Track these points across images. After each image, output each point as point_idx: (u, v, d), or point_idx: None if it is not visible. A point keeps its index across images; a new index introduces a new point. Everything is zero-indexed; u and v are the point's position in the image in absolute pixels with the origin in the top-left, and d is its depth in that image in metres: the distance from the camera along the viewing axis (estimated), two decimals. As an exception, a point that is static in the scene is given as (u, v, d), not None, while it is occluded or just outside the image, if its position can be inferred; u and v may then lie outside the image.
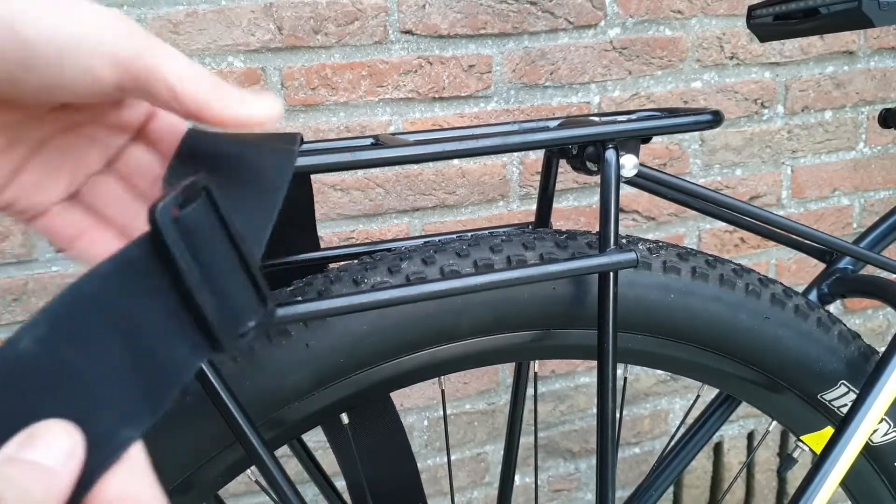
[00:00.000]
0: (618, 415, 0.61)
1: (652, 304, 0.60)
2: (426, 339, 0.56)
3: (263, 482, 0.54)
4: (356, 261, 0.57)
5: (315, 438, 1.29)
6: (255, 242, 0.36)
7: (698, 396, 0.83)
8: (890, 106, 0.98)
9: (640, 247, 0.62)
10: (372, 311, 0.52)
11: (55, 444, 0.27)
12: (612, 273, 0.54)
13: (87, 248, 0.39)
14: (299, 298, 0.53)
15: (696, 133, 1.38)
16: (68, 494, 0.27)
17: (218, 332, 0.33)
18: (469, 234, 0.60)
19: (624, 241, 0.61)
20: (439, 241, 0.59)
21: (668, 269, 0.60)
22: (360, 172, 1.21)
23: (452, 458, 1.41)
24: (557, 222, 1.33)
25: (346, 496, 0.70)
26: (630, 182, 0.58)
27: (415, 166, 1.23)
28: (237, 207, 0.36)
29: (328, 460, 0.73)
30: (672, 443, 0.83)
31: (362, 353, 0.54)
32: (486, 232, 0.61)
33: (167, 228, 0.31)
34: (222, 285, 0.33)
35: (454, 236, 0.60)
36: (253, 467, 0.53)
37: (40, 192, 0.37)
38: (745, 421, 1.59)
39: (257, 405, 0.52)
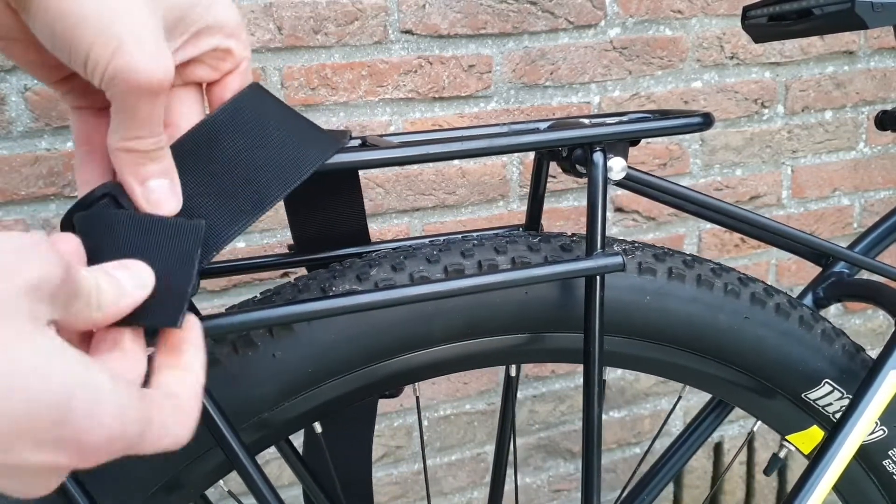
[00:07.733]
0: (602, 416, 0.61)
1: (628, 307, 0.60)
2: (403, 344, 0.55)
3: (234, 491, 0.55)
4: (324, 269, 0.56)
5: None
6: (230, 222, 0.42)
7: (679, 398, 0.83)
8: (888, 107, 0.97)
9: (616, 248, 0.61)
10: (343, 317, 0.52)
11: (136, 274, 0.35)
12: (598, 277, 0.54)
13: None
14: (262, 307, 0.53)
15: (697, 133, 1.38)
16: (131, 308, 0.34)
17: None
18: (441, 239, 0.60)
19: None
20: (429, 242, 0.59)
21: (643, 270, 0.60)
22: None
23: (452, 458, 1.42)
24: (558, 222, 1.33)
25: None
26: (618, 184, 0.58)
27: (415, 166, 1.23)
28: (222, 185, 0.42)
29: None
30: (651, 446, 0.83)
31: (331, 362, 0.53)
32: (474, 235, 0.61)
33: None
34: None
35: (435, 239, 0.60)
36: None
37: None
38: (745, 421, 1.59)
39: (228, 415, 0.52)
